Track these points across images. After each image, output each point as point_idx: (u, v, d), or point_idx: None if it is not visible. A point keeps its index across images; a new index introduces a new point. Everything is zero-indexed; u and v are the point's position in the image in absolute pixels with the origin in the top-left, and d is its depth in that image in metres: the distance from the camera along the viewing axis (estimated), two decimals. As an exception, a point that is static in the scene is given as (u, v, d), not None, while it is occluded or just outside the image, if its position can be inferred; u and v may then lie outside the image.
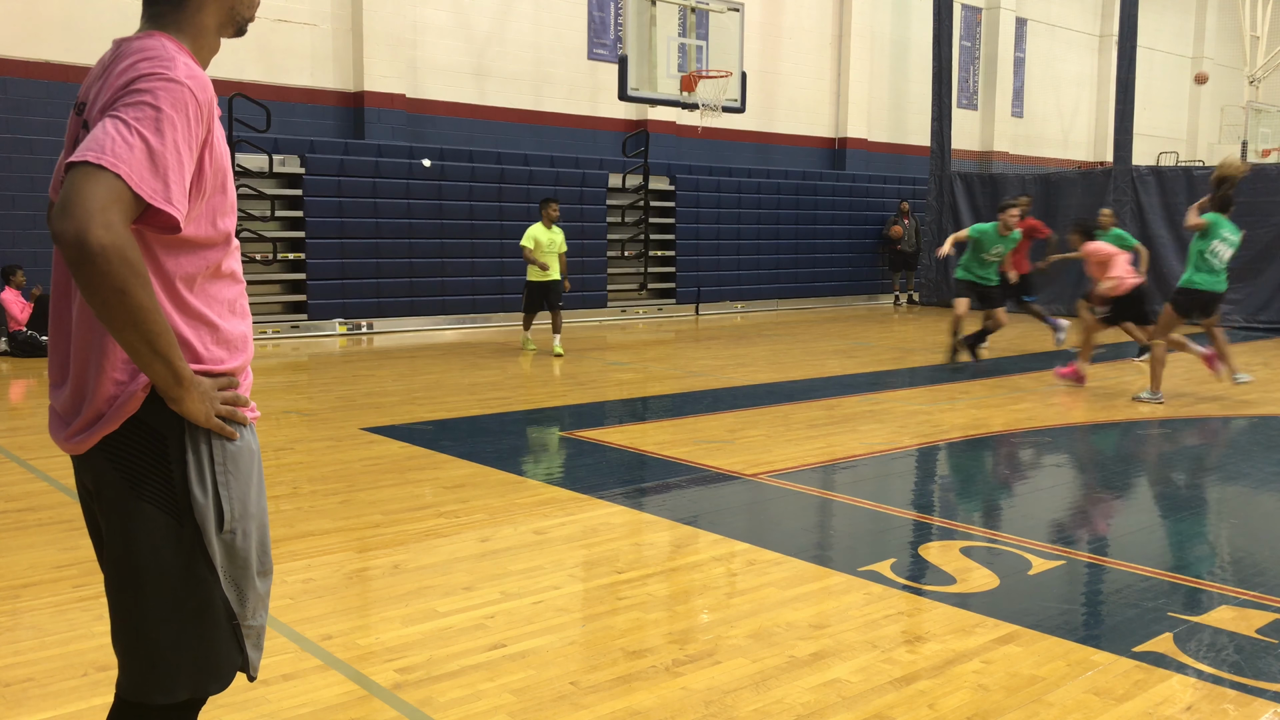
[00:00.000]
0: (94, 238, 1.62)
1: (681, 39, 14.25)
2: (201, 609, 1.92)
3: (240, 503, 1.95)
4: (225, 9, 1.98)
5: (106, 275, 1.64)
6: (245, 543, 1.97)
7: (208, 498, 1.90)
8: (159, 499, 1.89)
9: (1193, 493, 5.94)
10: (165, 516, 1.89)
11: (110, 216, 1.64)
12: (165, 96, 1.75)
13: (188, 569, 1.90)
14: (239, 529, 1.95)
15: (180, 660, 1.93)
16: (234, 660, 2.00)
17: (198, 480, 1.90)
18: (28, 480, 5.83)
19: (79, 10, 12.52)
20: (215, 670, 1.97)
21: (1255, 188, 15.73)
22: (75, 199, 1.64)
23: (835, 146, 21.60)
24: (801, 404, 8.67)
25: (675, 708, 3.12)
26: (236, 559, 1.96)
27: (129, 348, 1.74)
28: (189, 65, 1.84)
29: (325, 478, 5.95)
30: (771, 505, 5.57)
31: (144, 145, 1.71)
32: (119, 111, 1.74)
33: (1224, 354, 9.07)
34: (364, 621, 3.81)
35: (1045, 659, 3.49)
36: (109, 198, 1.65)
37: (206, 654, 1.95)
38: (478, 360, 11.32)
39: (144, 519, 1.88)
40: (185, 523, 1.90)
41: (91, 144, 1.69)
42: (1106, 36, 27.18)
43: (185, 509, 1.89)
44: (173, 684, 1.93)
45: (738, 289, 18.38)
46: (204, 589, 1.92)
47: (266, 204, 13.20)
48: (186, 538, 1.89)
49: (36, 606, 3.88)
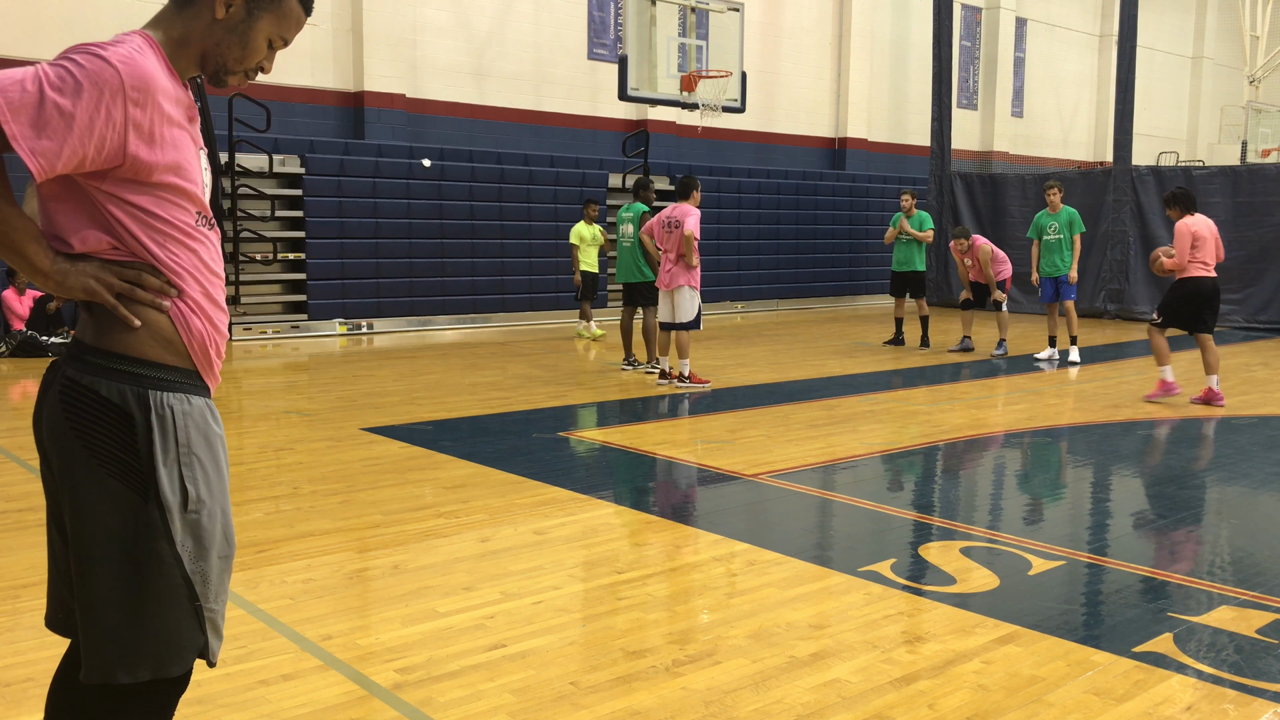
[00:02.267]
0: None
1: (681, 39, 14.25)
2: (164, 587, 1.95)
3: (204, 484, 1.99)
4: (211, 42, 2.02)
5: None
6: (210, 524, 2.00)
7: (174, 477, 1.94)
8: (124, 476, 1.92)
9: (1193, 493, 5.94)
10: (130, 494, 1.92)
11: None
12: (87, 67, 1.81)
13: (151, 546, 1.93)
14: (204, 509, 1.98)
15: (141, 637, 1.94)
16: (195, 641, 2.00)
17: (163, 458, 1.93)
18: (28, 480, 5.83)
19: (79, 10, 12.53)
20: (177, 650, 1.98)
21: (1255, 188, 15.73)
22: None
23: (835, 146, 21.61)
24: (801, 404, 8.67)
25: (675, 708, 3.12)
26: (201, 539, 1.98)
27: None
28: (135, 53, 1.88)
29: (325, 478, 5.95)
30: (771, 505, 5.57)
31: (38, 93, 1.77)
32: (41, 65, 1.82)
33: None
34: (364, 621, 3.81)
35: (1045, 659, 3.49)
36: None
37: (168, 632, 1.96)
38: (478, 360, 11.33)
39: (108, 494, 1.91)
40: (150, 500, 1.93)
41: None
42: (1106, 36, 27.19)
43: (150, 486, 1.93)
44: (135, 661, 1.94)
45: (738, 289, 18.38)
46: (166, 568, 1.94)
47: (266, 204, 13.20)
48: (150, 515, 1.93)
49: (36, 606, 3.88)
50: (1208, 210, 16.10)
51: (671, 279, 9.23)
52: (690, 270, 9.18)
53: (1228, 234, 15.94)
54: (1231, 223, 15.92)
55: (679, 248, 9.11)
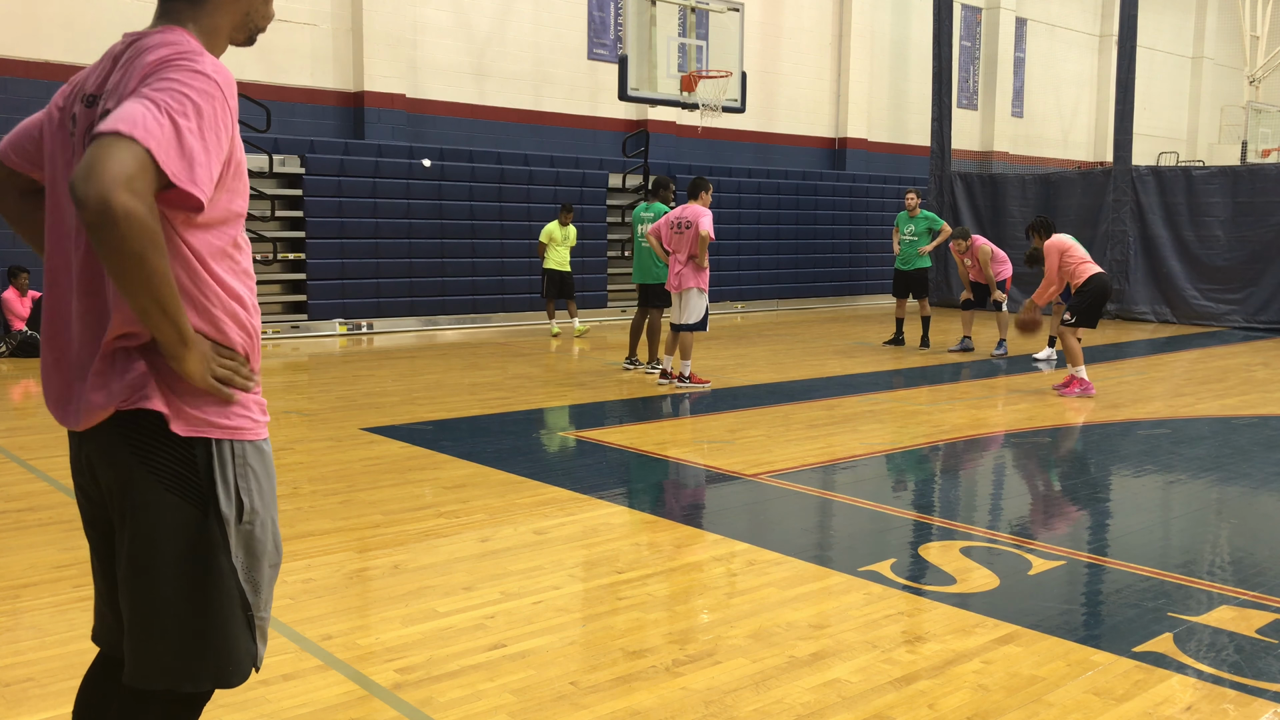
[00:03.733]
0: (118, 202, 1.65)
1: (681, 39, 14.25)
2: (224, 600, 1.97)
3: (259, 495, 2.01)
4: (241, 13, 2.04)
5: (126, 239, 1.67)
6: (263, 534, 2.03)
7: (230, 490, 1.96)
8: (184, 491, 1.93)
9: (1193, 493, 5.94)
10: (190, 508, 1.94)
11: (136, 185, 1.67)
12: (194, 85, 1.80)
13: (211, 559, 1.95)
14: (257, 520, 2.01)
15: (204, 650, 1.97)
16: (250, 650, 2.03)
17: (221, 473, 1.95)
18: (28, 480, 5.83)
19: (79, 10, 12.53)
20: (236, 660, 2.01)
21: (1255, 188, 15.73)
22: (101, 165, 1.66)
23: (835, 146, 21.61)
24: (801, 404, 8.67)
25: (675, 708, 3.12)
26: (253, 550, 2.01)
27: (140, 309, 1.77)
28: (214, 59, 1.89)
29: (325, 478, 5.95)
30: (771, 505, 5.57)
31: (172, 126, 1.74)
32: (148, 94, 1.77)
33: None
34: (364, 621, 3.81)
35: (1045, 659, 3.49)
36: (136, 167, 1.68)
37: (229, 644, 1.99)
38: (478, 360, 11.33)
39: (169, 510, 1.93)
40: (210, 514, 1.95)
41: (121, 117, 1.71)
42: (1106, 36, 27.19)
43: (210, 501, 1.95)
44: (198, 673, 1.97)
45: (738, 289, 18.38)
46: (225, 579, 1.97)
47: (267, 204, 13.19)
48: (210, 529, 1.95)
49: (36, 606, 3.88)
50: (1208, 210, 16.13)
51: (681, 280, 9.21)
52: (700, 272, 9.17)
53: (1228, 234, 15.99)
54: (1231, 223, 15.93)
55: (690, 248, 9.07)
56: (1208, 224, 16.19)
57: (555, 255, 13.30)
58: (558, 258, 13.32)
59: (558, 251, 13.31)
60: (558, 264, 13.33)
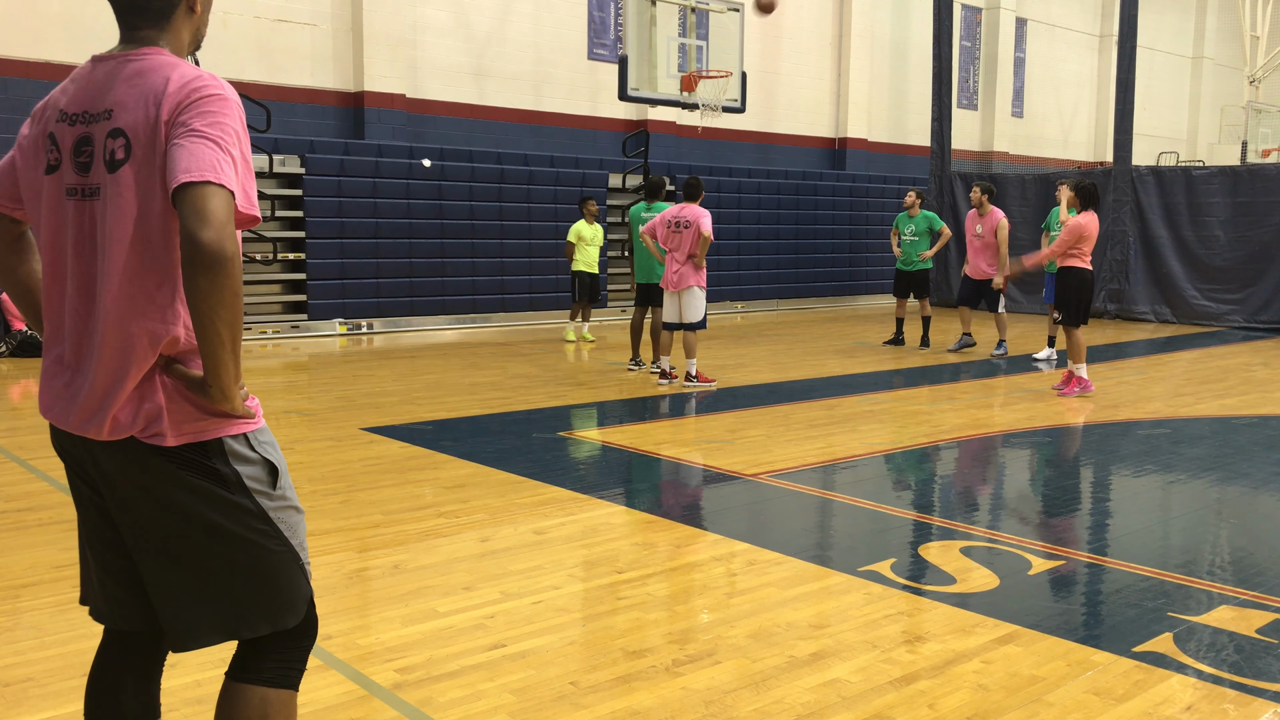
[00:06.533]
0: (229, 248, 1.85)
1: (681, 39, 14.25)
2: (280, 548, 2.13)
3: (278, 458, 2.16)
4: (194, 28, 2.19)
5: (232, 279, 1.86)
6: (290, 492, 2.19)
7: (257, 458, 2.10)
8: (211, 473, 2.05)
9: (1193, 493, 5.94)
10: (218, 489, 2.06)
11: (232, 229, 1.88)
12: (229, 113, 1.97)
13: (258, 520, 2.09)
14: (282, 479, 2.16)
15: (279, 589, 2.13)
16: (305, 592, 2.20)
17: (245, 447, 2.09)
18: (28, 480, 5.83)
19: (79, 10, 12.52)
20: (303, 594, 2.18)
21: (1255, 188, 15.73)
22: (212, 213, 1.85)
23: (835, 146, 21.60)
24: (801, 404, 8.67)
25: (675, 708, 3.12)
26: (288, 502, 2.17)
27: (217, 343, 1.90)
28: (221, 79, 2.04)
29: (325, 478, 5.95)
30: (771, 505, 5.57)
31: (231, 161, 1.93)
32: (205, 132, 1.92)
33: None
34: (364, 621, 3.81)
35: (1045, 659, 3.49)
36: (228, 212, 1.88)
37: (294, 583, 2.16)
38: (478, 360, 11.33)
39: (195, 493, 2.04)
40: (236, 490, 2.07)
41: (206, 166, 1.88)
42: (1106, 36, 27.19)
43: (236, 477, 2.07)
44: (289, 608, 2.15)
45: (738, 289, 18.38)
46: (277, 531, 2.13)
47: (266, 204, 13.19)
48: (247, 496, 2.08)
49: (36, 606, 3.89)
50: (1208, 210, 16.12)
51: (680, 279, 9.23)
52: (699, 270, 9.21)
53: (1228, 234, 15.98)
54: (1231, 222, 15.93)
55: (690, 248, 9.10)
56: (1208, 224, 16.19)
57: (585, 256, 12.62)
58: (587, 259, 12.60)
59: (587, 252, 12.59)
60: (588, 265, 12.62)
